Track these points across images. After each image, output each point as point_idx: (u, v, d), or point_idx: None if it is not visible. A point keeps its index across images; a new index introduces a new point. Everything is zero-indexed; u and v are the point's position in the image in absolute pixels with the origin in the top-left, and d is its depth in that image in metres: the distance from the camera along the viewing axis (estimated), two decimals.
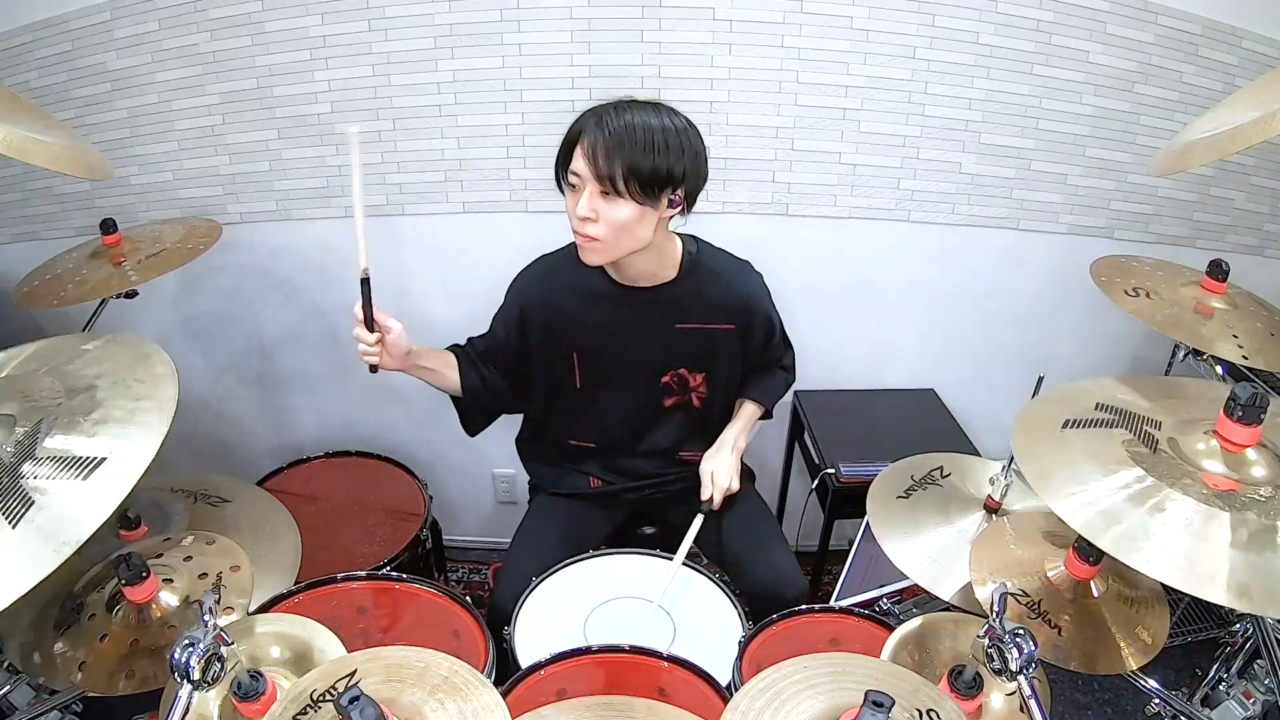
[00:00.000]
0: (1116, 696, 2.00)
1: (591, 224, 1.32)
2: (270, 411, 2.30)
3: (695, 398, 1.58)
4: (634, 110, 1.31)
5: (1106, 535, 0.91)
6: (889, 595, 1.53)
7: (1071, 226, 1.97)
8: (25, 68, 1.79)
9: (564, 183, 1.36)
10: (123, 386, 0.99)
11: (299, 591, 1.28)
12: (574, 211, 1.33)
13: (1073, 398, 1.14)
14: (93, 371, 1.03)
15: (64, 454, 0.90)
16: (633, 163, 1.27)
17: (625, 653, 1.24)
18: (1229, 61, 1.76)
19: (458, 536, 2.44)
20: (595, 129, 1.29)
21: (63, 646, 1.07)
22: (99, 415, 0.95)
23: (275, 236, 2.02)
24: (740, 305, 1.52)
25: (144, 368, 1.03)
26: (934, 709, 0.87)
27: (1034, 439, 1.06)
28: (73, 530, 0.83)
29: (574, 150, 1.31)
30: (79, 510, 0.85)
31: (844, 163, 1.90)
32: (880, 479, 1.42)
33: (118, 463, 0.89)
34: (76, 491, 0.87)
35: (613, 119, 1.29)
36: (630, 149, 1.27)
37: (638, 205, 1.31)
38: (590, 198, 1.31)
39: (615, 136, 1.27)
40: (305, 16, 1.75)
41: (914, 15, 1.74)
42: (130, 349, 1.07)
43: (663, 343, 1.52)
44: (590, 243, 1.34)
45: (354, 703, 0.78)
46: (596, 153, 1.28)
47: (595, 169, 1.28)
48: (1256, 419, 0.96)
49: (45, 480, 0.88)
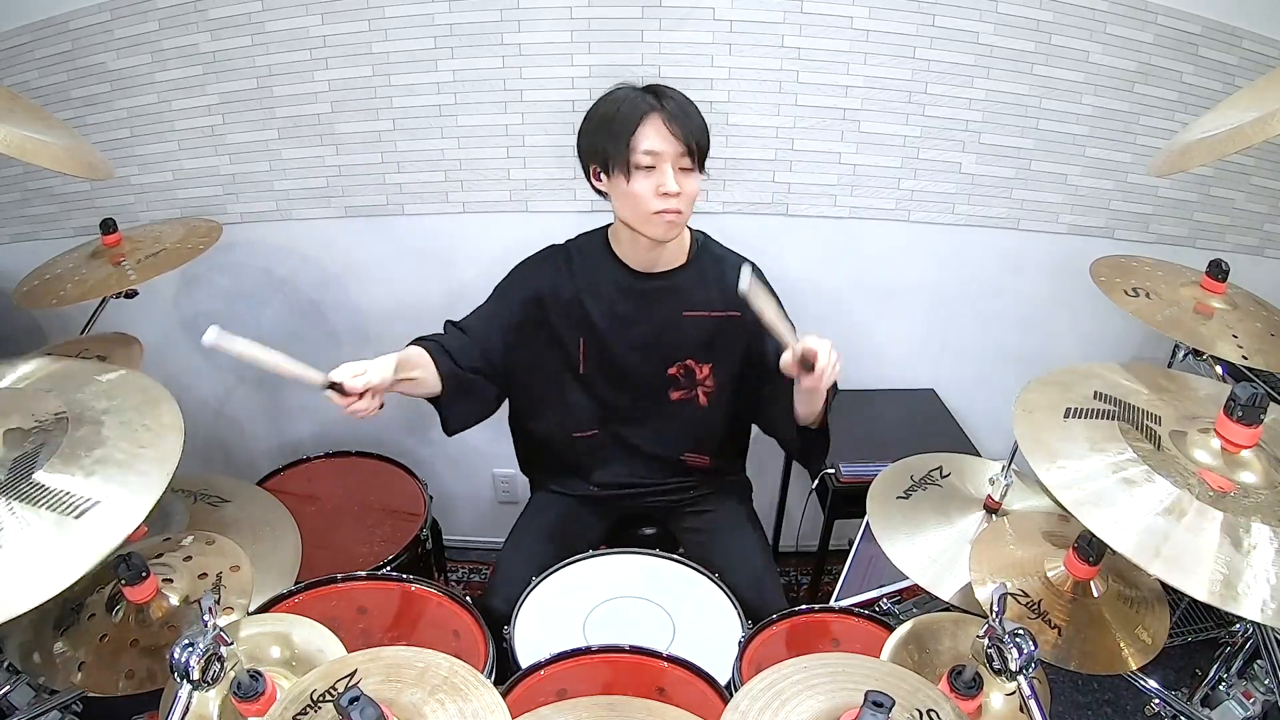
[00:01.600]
0: (1116, 696, 2.00)
1: (676, 199, 1.35)
2: (270, 411, 2.30)
3: (702, 393, 1.56)
4: (667, 90, 1.36)
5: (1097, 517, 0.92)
6: (889, 595, 1.53)
7: (1071, 226, 1.98)
8: (25, 68, 1.80)
9: (630, 166, 1.34)
10: (129, 429, 0.98)
11: (299, 591, 1.28)
12: (656, 191, 1.34)
13: (1072, 382, 1.14)
14: (101, 406, 1.02)
15: (59, 488, 0.89)
16: (700, 134, 1.35)
17: (625, 653, 1.24)
18: (1229, 61, 1.76)
19: (458, 536, 2.44)
20: (667, 104, 1.33)
21: (63, 646, 1.07)
22: (100, 455, 0.94)
23: (275, 236, 2.02)
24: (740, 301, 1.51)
25: (153, 415, 1.02)
26: (934, 709, 0.87)
27: (1037, 426, 1.06)
28: (59, 574, 0.82)
29: (640, 130, 1.33)
30: (65, 551, 0.84)
31: (844, 163, 1.90)
32: (880, 479, 1.42)
33: (110, 511, 0.88)
34: (66, 530, 0.85)
35: (668, 96, 1.35)
36: (696, 120, 1.35)
37: (700, 175, 1.38)
38: (676, 174, 1.34)
39: (684, 111, 1.34)
40: (305, 16, 1.75)
41: (914, 15, 1.74)
42: (142, 389, 1.07)
43: (670, 330, 1.52)
44: (678, 217, 1.38)
45: (354, 703, 0.78)
46: (679, 125, 1.32)
47: (683, 142, 1.33)
48: (1256, 419, 0.96)
49: (40, 509, 0.86)
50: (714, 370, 1.55)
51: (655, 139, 1.32)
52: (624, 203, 1.38)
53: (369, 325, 2.11)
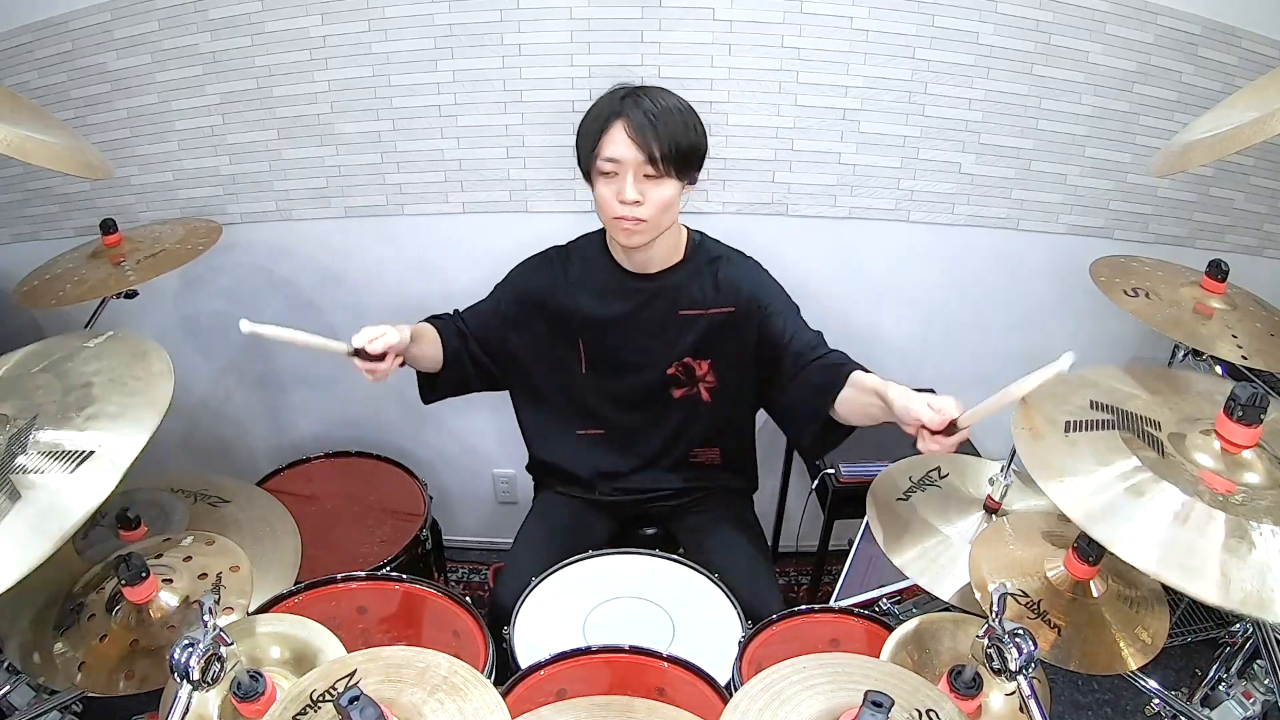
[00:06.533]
0: (1116, 696, 2.00)
1: (638, 206, 1.34)
2: (270, 411, 2.30)
3: (704, 389, 1.56)
4: (651, 95, 1.34)
5: (1100, 525, 0.91)
6: (889, 595, 1.53)
7: (1071, 227, 1.97)
8: (25, 68, 1.80)
9: (595, 172, 1.36)
10: (119, 384, 0.99)
11: (299, 591, 1.28)
12: (616, 197, 1.34)
13: (1067, 393, 1.13)
14: (91, 368, 1.03)
15: (53, 448, 0.90)
16: (675, 139, 1.32)
17: (625, 653, 1.24)
18: (1229, 61, 1.76)
19: (457, 536, 2.44)
20: (632, 111, 1.32)
21: (62, 647, 1.07)
22: (92, 411, 0.95)
23: (275, 236, 2.02)
24: (732, 286, 1.50)
25: (142, 366, 1.02)
26: (934, 709, 0.87)
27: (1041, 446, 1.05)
28: (59, 522, 0.83)
29: (604, 137, 1.33)
30: (66, 502, 0.85)
31: (844, 163, 1.90)
32: (880, 479, 1.42)
33: (105, 455, 0.89)
34: (64, 484, 0.86)
35: (644, 103, 1.33)
36: (670, 127, 1.32)
37: (677, 183, 1.35)
38: (636, 180, 1.33)
39: (654, 117, 1.31)
40: (305, 16, 1.75)
41: (914, 15, 1.74)
42: (130, 347, 1.07)
43: (667, 330, 1.52)
44: (639, 225, 1.36)
45: (354, 703, 0.78)
46: (643, 134, 1.30)
47: (644, 149, 1.31)
48: (1256, 419, 0.96)
49: (33, 475, 0.87)
50: (714, 366, 1.55)
51: (617, 146, 1.32)
52: (596, 206, 1.40)
53: (369, 325, 2.11)
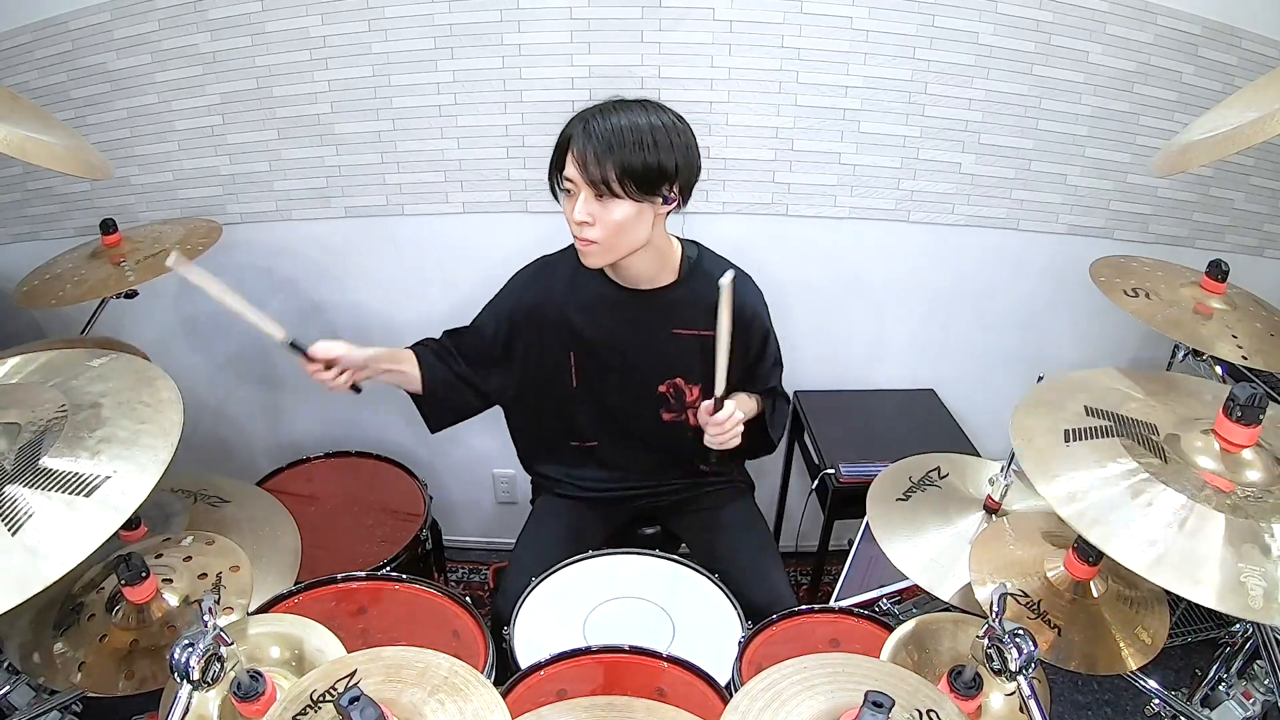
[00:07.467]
0: (1116, 697, 2.00)
1: (589, 228, 1.32)
2: (270, 411, 2.30)
3: (692, 415, 1.53)
4: (620, 111, 1.31)
5: (1097, 529, 0.91)
6: (889, 595, 1.53)
7: (1071, 227, 1.98)
8: (25, 68, 1.79)
9: (558, 188, 1.37)
10: (127, 408, 0.99)
11: (299, 591, 1.28)
12: (571, 216, 1.33)
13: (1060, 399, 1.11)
14: (98, 389, 1.02)
15: (67, 470, 0.89)
16: (625, 162, 1.27)
17: (625, 653, 1.24)
18: (1229, 61, 1.76)
19: (457, 536, 2.44)
20: (583, 134, 1.29)
21: (62, 647, 1.07)
22: (103, 434, 0.94)
23: (275, 236, 2.02)
24: (734, 311, 1.50)
25: (149, 391, 1.02)
26: (934, 709, 0.87)
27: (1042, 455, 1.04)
28: (73, 546, 0.82)
29: (566, 156, 1.31)
30: (80, 526, 0.84)
31: (844, 163, 1.90)
32: (880, 479, 1.42)
33: (121, 482, 0.88)
34: (78, 507, 0.86)
35: (599, 122, 1.29)
36: (620, 149, 1.27)
37: (634, 204, 1.31)
38: (586, 202, 1.31)
39: (604, 139, 1.27)
40: (305, 16, 1.75)
41: (914, 15, 1.74)
42: (135, 371, 1.07)
43: (659, 347, 1.51)
44: (589, 245, 1.34)
45: (354, 703, 0.78)
46: (587, 157, 1.28)
47: (586, 174, 1.28)
48: (1256, 419, 0.96)
49: (46, 493, 0.87)
50: (703, 392, 1.52)
51: (570, 167, 1.31)
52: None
53: (369, 325, 2.11)
